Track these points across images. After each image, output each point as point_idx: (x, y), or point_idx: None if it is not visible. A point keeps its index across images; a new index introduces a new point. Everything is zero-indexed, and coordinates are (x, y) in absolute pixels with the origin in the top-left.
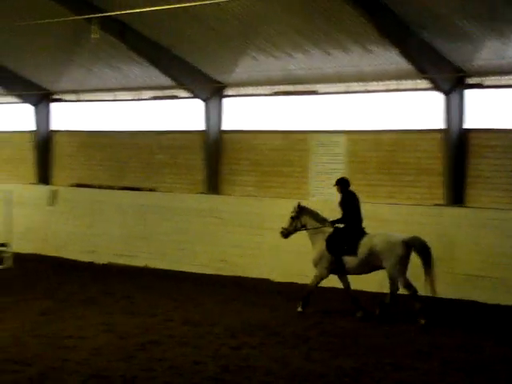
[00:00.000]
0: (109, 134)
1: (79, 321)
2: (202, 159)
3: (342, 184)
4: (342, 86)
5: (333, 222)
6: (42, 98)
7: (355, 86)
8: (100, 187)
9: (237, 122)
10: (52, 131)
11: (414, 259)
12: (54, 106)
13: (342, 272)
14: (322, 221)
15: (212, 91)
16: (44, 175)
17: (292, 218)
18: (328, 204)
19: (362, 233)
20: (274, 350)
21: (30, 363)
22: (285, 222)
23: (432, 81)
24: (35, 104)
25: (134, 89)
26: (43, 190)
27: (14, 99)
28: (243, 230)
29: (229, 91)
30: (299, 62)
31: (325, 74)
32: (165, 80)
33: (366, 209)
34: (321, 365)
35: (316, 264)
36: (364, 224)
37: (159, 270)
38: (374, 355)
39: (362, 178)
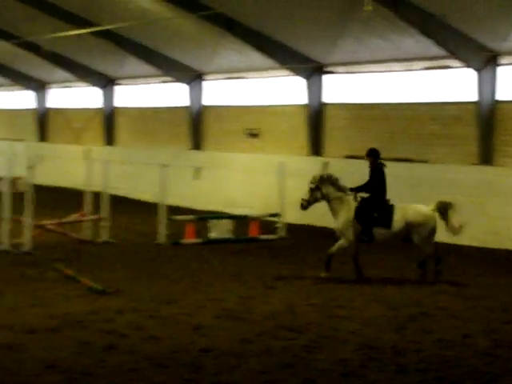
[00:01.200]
0: (380, 105)
1: (350, 291)
2: (476, 130)
3: (374, 155)
4: None
5: (353, 190)
6: (314, 70)
7: None
8: None
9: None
10: (324, 103)
11: None
12: (325, 78)
13: (371, 242)
14: (342, 189)
15: (485, 60)
16: (316, 147)
17: (311, 189)
18: None
19: (389, 204)
20: None
21: (302, 331)
22: (304, 194)
23: None
24: (307, 77)
25: (406, 60)
26: (315, 161)
27: (287, 72)
28: None
29: (503, 60)
30: None
31: None
32: (436, 50)
33: None
34: None
35: (341, 234)
36: None
37: None
38: None
39: None
